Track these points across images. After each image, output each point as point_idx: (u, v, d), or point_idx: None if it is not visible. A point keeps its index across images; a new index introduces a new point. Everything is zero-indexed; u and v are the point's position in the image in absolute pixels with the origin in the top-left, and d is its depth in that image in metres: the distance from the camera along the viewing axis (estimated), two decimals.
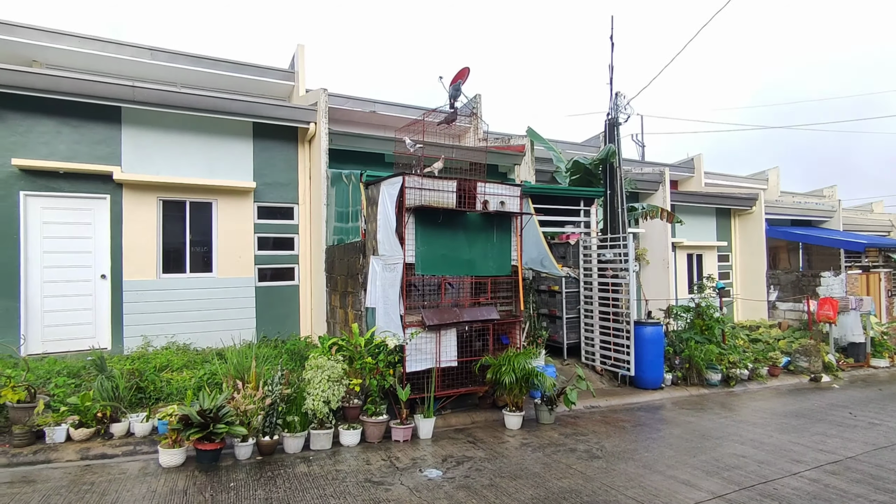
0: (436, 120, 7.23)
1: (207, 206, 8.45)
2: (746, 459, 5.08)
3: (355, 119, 11.52)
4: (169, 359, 6.78)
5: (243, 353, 6.08)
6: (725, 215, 14.77)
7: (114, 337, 7.67)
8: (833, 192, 18.77)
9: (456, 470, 4.70)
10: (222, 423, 4.69)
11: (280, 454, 5.07)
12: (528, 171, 10.67)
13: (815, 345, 10.19)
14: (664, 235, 12.50)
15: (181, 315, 8.06)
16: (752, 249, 14.53)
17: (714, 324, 9.07)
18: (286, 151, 9.10)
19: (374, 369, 5.62)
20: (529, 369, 6.01)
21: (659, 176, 12.87)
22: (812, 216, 16.53)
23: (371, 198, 6.59)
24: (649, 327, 8.02)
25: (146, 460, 4.83)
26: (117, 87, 7.51)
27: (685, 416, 6.87)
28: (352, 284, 7.09)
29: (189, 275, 8.27)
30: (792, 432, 6.10)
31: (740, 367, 8.92)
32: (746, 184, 17.61)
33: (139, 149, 7.97)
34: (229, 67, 10.21)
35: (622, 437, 5.80)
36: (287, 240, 9.08)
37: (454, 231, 6.36)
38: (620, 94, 9.30)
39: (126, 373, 5.90)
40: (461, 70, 7.60)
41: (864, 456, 5.26)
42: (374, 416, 5.52)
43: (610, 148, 9.23)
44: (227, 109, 8.27)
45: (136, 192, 7.87)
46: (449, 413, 6.37)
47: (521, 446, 5.43)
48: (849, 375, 10.23)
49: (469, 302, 6.61)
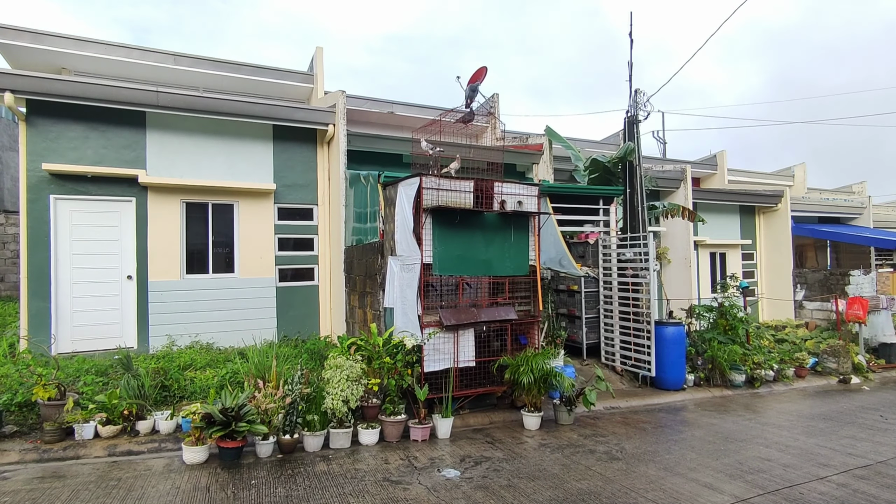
0: (453, 120, 7.23)
1: (229, 208, 8.60)
2: (771, 463, 4.96)
3: (373, 120, 11.60)
4: (192, 358, 6.93)
5: (264, 353, 6.18)
6: (749, 213, 14.44)
7: (139, 336, 7.87)
8: (863, 188, 18.19)
9: (474, 470, 4.70)
10: (244, 422, 4.77)
11: (300, 452, 5.14)
12: (547, 170, 10.60)
13: (844, 345, 9.89)
14: (686, 234, 12.28)
15: (204, 315, 8.23)
16: (778, 247, 14.18)
17: (738, 324, 8.88)
18: (305, 153, 9.21)
19: (393, 369, 5.65)
20: (548, 370, 5.97)
21: (680, 173, 12.65)
22: (840, 213, 16.05)
23: (389, 198, 6.63)
24: (671, 327, 7.90)
25: (171, 457, 4.95)
26: (142, 92, 7.70)
27: (708, 417, 6.74)
28: (370, 285, 7.14)
29: (212, 275, 8.43)
30: (819, 435, 5.94)
31: (765, 368, 8.71)
32: (771, 180, 17.18)
33: (163, 152, 8.16)
34: (250, 71, 10.38)
35: (643, 439, 5.73)
36: (307, 240, 9.19)
37: (471, 231, 6.36)
38: (640, 91, 9.17)
39: (151, 371, 6.05)
40: (478, 70, 7.59)
41: (895, 460, 5.09)
42: (393, 416, 5.55)
43: (629, 146, 9.10)
44: (247, 112, 8.40)
45: (160, 194, 8.06)
46: (467, 413, 6.37)
47: (539, 447, 5.40)
48: (880, 377, 9.91)
49: (487, 302, 6.60)
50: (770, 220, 14.44)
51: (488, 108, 11.07)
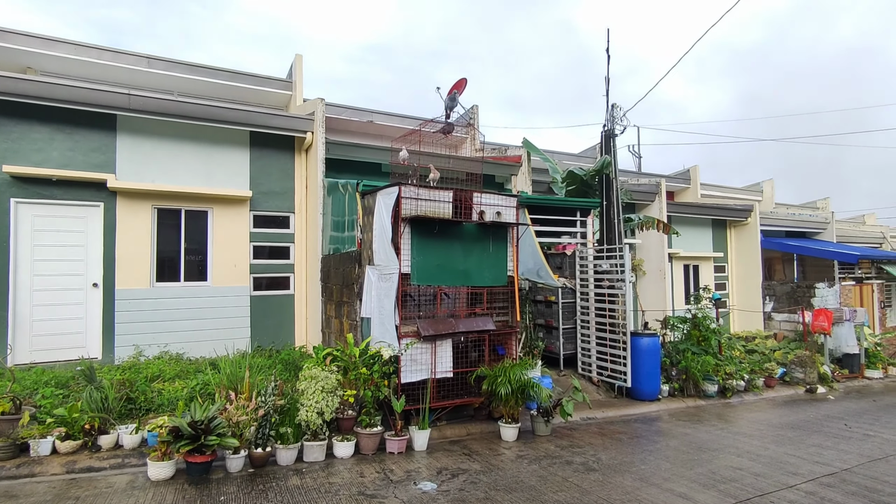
0: (433, 130, 7.24)
1: (203, 215, 8.40)
2: (743, 472, 5.04)
3: (352, 129, 11.53)
4: (161, 368, 6.70)
5: (237, 363, 6.01)
6: (721, 226, 14.83)
7: (104, 346, 7.58)
8: (826, 203, 18.90)
9: (451, 483, 4.64)
10: (214, 435, 4.61)
11: (272, 466, 4.99)
12: (525, 181, 10.69)
13: (811, 356, 10.19)
14: (660, 246, 12.53)
15: (174, 324, 7.98)
16: (748, 260, 14.58)
17: (710, 335, 9.06)
18: (283, 160, 9.09)
19: (369, 380, 5.56)
20: (525, 380, 5.97)
21: (655, 187, 12.93)
22: (806, 228, 16.63)
23: (367, 207, 6.57)
24: (646, 338, 8.00)
25: (134, 473, 4.74)
26: (113, 94, 7.49)
27: (682, 427, 6.83)
28: (347, 294, 7.05)
29: (183, 283, 8.20)
30: (788, 444, 6.07)
31: (736, 379, 8.90)
32: (741, 195, 17.71)
33: (134, 157, 7.93)
34: (227, 76, 10.22)
35: (619, 450, 5.75)
36: (283, 249, 9.03)
37: (450, 241, 6.34)
38: (616, 106, 9.37)
39: (116, 383, 5.81)
40: (458, 81, 7.64)
41: (859, 468, 5.23)
42: (369, 428, 5.45)
43: (606, 159, 9.27)
44: (224, 118, 8.26)
45: (130, 200, 7.82)
46: (444, 424, 6.31)
47: (516, 458, 5.37)
48: (844, 386, 10.23)
49: (465, 312, 6.57)
50: (740, 234, 14.85)
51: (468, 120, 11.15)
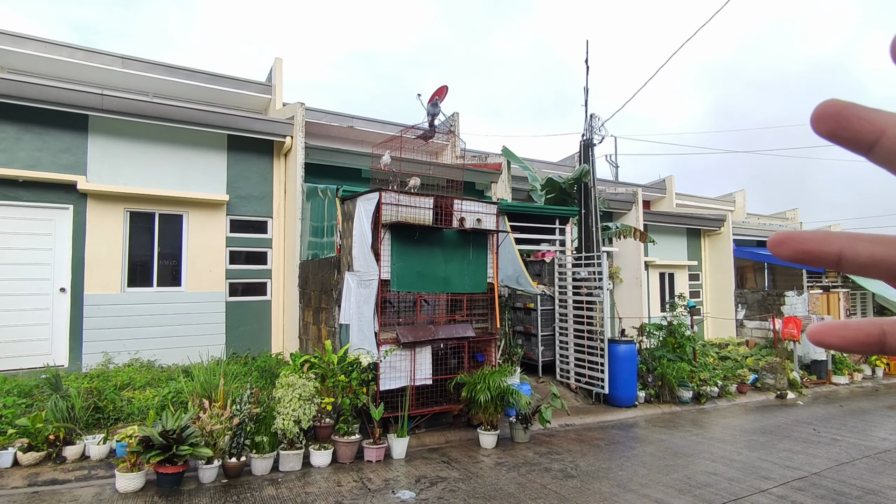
0: (413, 136, 7.25)
1: (178, 219, 8.22)
2: (717, 477, 5.12)
3: (332, 134, 11.47)
4: (131, 376, 6.50)
5: (211, 371, 5.88)
6: (696, 235, 15.17)
7: (72, 353, 7.32)
8: (795, 214, 19.53)
9: (429, 491, 4.60)
10: (186, 445, 4.49)
11: (247, 476, 4.88)
12: (505, 189, 10.77)
13: (781, 362, 10.45)
14: (637, 254, 12.74)
15: (146, 330, 7.76)
16: (721, 269, 14.94)
17: (685, 342, 9.22)
18: (261, 165, 8.97)
19: (347, 387, 5.49)
20: (505, 387, 5.97)
21: (632, 196, 13.17)
22: None
23: (347, 213, 6.53)
24: (623, 345, 8.10)
25: (102, 485, 4.58)
26: (86, 94, 7.30)
27: (658, 433, 6.92)
28: (325, 300, 6.97)
29: (156, 289, 7.99)
30: (760, 449, 6.20)
31: (710, 385, 9.06)
32: (715, 205, 18.17)
33: (106, 158, 7.73)
34: (205, 79, 10.07)
35: (597, 456, 5.79)
36: (260, 254, 8.89)
37: (430, 248, 6.33)
38: (595, 116, 9.52)
39: (83, 391, 5.61)
40: (439, 88, 7.68)
41: (827, 472, 5.37)
42: (347, 436, 5.38)
43: (584, 168, 9.40)
44: (201, 121, 8.11)
45: (101, 202, 7.61)
46: (423, 432, 6.26)
47: (495, 466, 5.36)
48: (812, 392, 10.51)
49: (445, 319, 6.56)
50: (714, 243, 15.21)
51: (448, 127, 11.19)
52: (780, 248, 0.39)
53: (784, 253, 0.39)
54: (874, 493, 4.78)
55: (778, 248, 0.39)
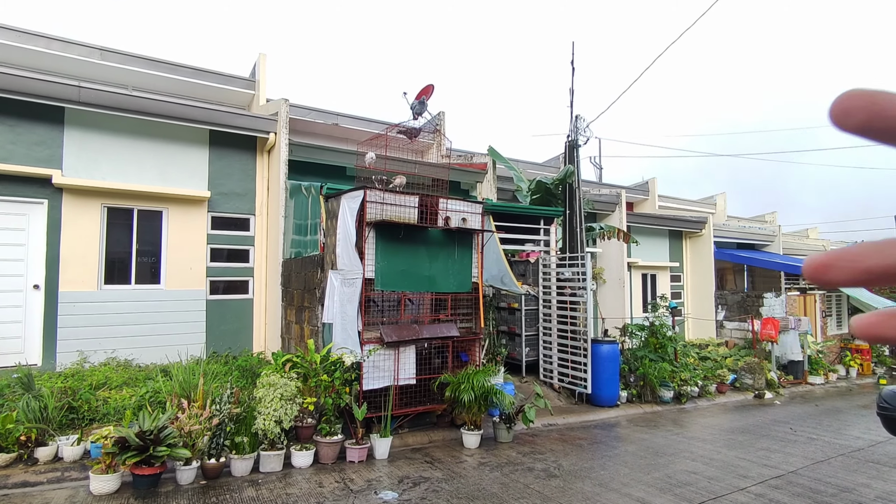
0: (398, 133, 7.21)
1: (157, 215, 8.05)
2: (697, 476, 5.19)
3: (317, 131, 11.34)
4: (107, 376, 6.34)
5: (190, 370, 5.76)
6: (678, 237, 15.37)
7: (45, 352, 7.12)
8: (774, 217, 19.91)
9: (412, 491, 4.57)
10: (164, 446, 4.40)
11: (226, 477, 4.79)
12: (490, 188, 10.78)
13: (759, 363, 10.65)
14: (620, 255, 12.86)
15: (124, 329, 7.58)
16: (702, 270, 15.16)
17: (667, 342, 9.34)
18: (244, 161, 8.83)
19: (330, 387, 5.43)
20: (488, 387, 5.97)
21: (616, 197, 13.29)
22: (755, 240, 17.46)
23: (331, 211, 6.46)
24: (606, 345, 8.16)
25: (75, 488, 4.46)
26: (62, 86, 7.10)
27: (639, 433, 6.99)
28: (308, 299, 6.89)
29: (134, 286, 7.81)
30: (739, 448, 6.30)
31: (691, 385, 9.19)
32: (696, 207, 18.43)
33: (83, 152, 7.53)
34: (187, 73, 9.87)
35: (579, 456, 5.82)
36: (242, 252, 8.76)
37: (415, 247, 6.30)
38: (580, 118, 9.58)
39: (57, 391, 5.46)
40: (425, 87, 7.64)
41: (804, 470, 5.48)
42: (329, 436, 5.32)
43: (569, 169, 9.45)
44: (182, 116, 7.95)
45: (77, 197, 7.41)
46: (406, 432, 6.23)
47: (478, 466, 5.35)
48: (789, 392, 10.73)
49: (429, 318, 6.53)
50: (695, 245, 15.43)
51: (434, 126, 11.16)
52: (830, 273, 0.31)
53: (837, 278, 0.31)
54: (849, 490, 4.89)
55: (825, 274, 0.31)
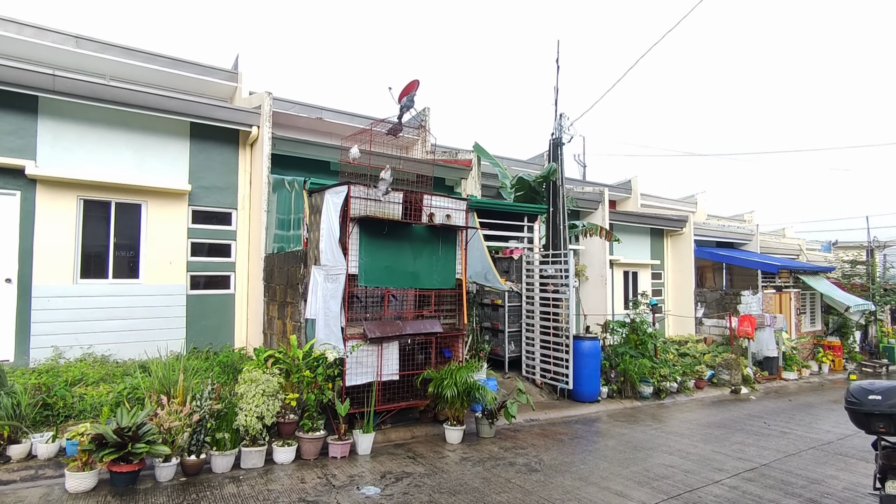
0: (384, 130, 7.17)
1: (136, 208, 7.89)
2: (674, 469, 5.30)
3: (301, 125, 11.23)
4: (83, 372, 6.22)
5: (170, 366, 5.69)
6: (659, 235, 15.60)
7: (18, 347, 6.94)
8: (752, 217, 20.34)
9: (394, 487, 4.59)
10: (142, 443, 4.33)
11: (207, 474, 4.75)
12: (475, 185, 10.80)
13: (736, 359, 10.90)
14: (602, 253, 13.01)
15: (101, 324, 7.43)
16: (682, 268, 15.42)
17: (647, 339, 9.49)
18: (226, 154, 8.70)
19: (313, 383, 5.41)
20: (471, 383, 6.01)
21: (599, 195, 13.43)
22: (734, 239, 17.81)
23: (315, 206, 6.41)
24: (587, 342, 8.27)
25: (50, 485, 4.37)
26: (35, 74, 6.90)
27: (619, 428, 7.10)
28: (291, 294, 6.84)
29: (112, 281, 7.66)
30: (715, 442, 6.45)
31: (670, 381, 9.37)
32: (677, 206, 18.73)
33: (58, 143, 7.34)
34: (167, 63, 9.67)
35: (560, 450, 5.90)
36: (223, 246, 8.64)
37: (399, 243, 6.30)
38: (564, 116, 9.65)
39: (31, 388, 5.35)
40: (411, 83, 7.60)
41: (776, 463, 5.64)
42: (311, 432, 5.30)
43: (553, 166, 9.52)
44: (162, 107, 7.80)
45: (52, 189, 7.23)
46: (389, 428, 6.24)
47: (461, 461, 5.39)
48: (764, 387, 11.01)
49: (412, 314, 6.54)
50: (676, 243, 15.69)
51: (419, 122, 11.13)
52: None
53: None
54: (818, 482, 5.05)
55: None
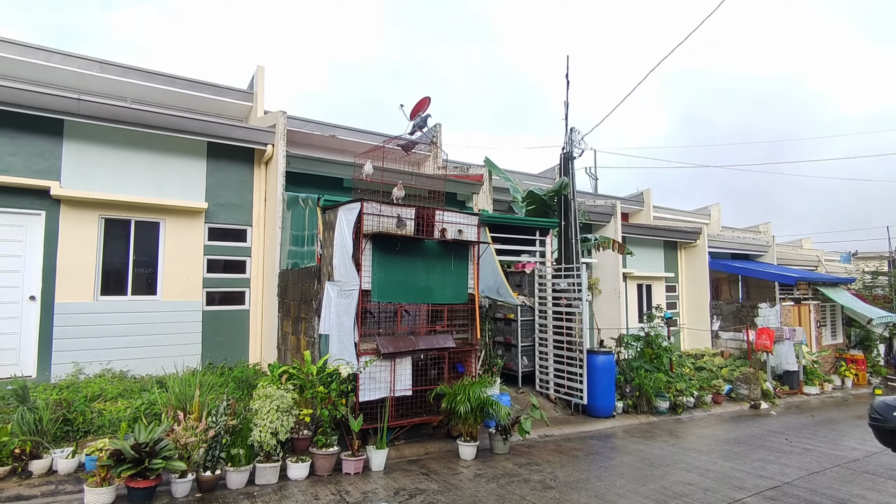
0: (396, 146, 7.28)
1: (154, 226, 8.08)
2: (693, 487, 5.20)
3: (314, 143, 11.43)
4: (102, 387, 6.33)
5: (186, 381, 5.75)
6: (672, 248, 15.47)
7: (40, 364, 7.09)
8: (768, 228, 20.06)
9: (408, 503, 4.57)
10: (159, 458, 4.38)
11: (222, 490, 4.78)
12: (486, 200, 10.85)
13: (754, 373, 10.69)
14: (615, 266, 12.93)
15: (120, 340, 7.56)
16: (697, 281, 15.24)
17: (662, 352, 9.37)
18: (241, 172, 8.89)
19: (326, 399, 5.44)
20: (485, 398, 5.98)
21: (611, 208, 13.39)
22: (750, 250, 17.58)
23: (328, 223, 6.51)
24: (601, 356, 8.19)
25: (69, 500, 4.44)
26: (61, 99, 7.16)
27: (635, 444, 6.99)
28: (305, 310, 6.91)
29: (131, 297, 7.81)
30: (734, 459, 6.31)
31: (686, 395, 9.21)
32: (691, 218, 18.57)
33: (81, 164, 7.57)
34: (185, 85, 9.95)
35: (575, 467, 5.83)
36: (239, 263, 8.78)
37: (412, 258, 6.34)
38: (575, 130, 9.70)
39: (52, 403, 5.45)
40: (422, 100, 7.73)
41: (799, 481, 5.50)
42: (325, 448, 5.32)
43: (564, 180, 9.54)
44: (181, 128, 8.02)
45: (75, 208, 7.44)
46: (402, 444, 6.22)
47: (474, 477, 5.35)
48: (784, 402, 10.76)
49: (425, 330, 6.56)
50: (690, 255, 15.53)
51: (431, 138, 11.27)
52: None
53: None
54: (844, 501, 4.91)
55: None
